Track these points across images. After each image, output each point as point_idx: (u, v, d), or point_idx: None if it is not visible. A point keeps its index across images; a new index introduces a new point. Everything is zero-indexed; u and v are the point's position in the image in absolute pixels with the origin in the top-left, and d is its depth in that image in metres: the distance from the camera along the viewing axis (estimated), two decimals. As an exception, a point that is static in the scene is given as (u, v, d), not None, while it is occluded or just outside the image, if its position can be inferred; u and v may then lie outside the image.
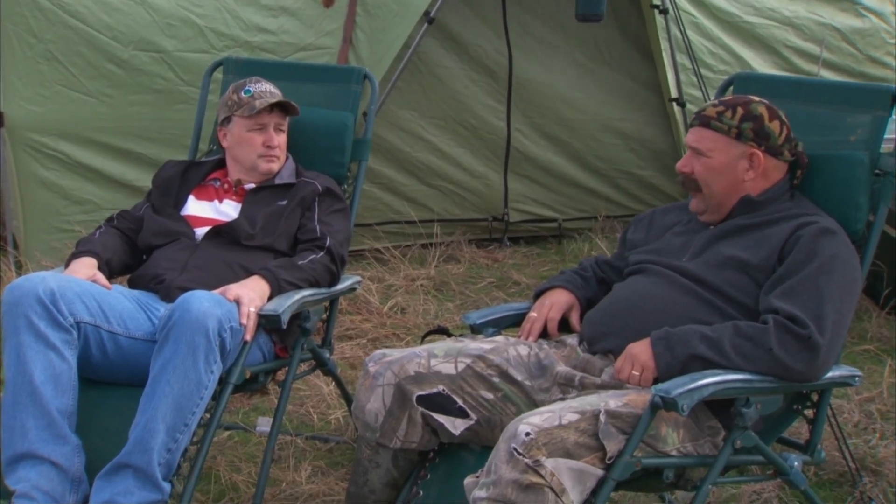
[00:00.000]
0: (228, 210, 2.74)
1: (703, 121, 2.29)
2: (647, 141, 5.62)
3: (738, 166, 2.26)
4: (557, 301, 2.44)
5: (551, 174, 5.51)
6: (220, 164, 2.87)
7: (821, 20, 5.74)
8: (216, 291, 2.37)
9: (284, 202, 2.72)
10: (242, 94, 2.76)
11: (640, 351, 2.11)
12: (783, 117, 2.29)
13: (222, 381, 2.33)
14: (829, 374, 2.12)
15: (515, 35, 5.26)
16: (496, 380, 2.22)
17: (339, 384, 2.95)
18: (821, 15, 5.74)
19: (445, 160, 5.24)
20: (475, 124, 5.27)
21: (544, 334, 2.41)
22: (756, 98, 2.31)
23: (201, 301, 2.24)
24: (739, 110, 2.26)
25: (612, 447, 1.94)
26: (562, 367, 2.25)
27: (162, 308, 2.45)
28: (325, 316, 2.80)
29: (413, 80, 4.99)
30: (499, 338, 2.37)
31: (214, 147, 3.04)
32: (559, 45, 5.37)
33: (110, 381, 2.40)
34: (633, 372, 2.10)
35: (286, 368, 2.61)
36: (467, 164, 5.31)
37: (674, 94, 5.31)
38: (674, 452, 2.06)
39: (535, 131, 5.43)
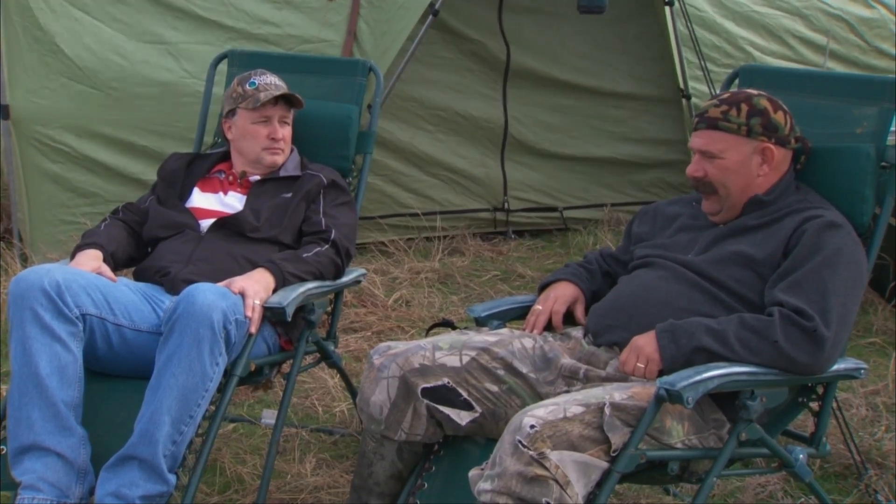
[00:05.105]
0: (233, 202, 2.74)
1: (709, 123, 2.26)
2: (650, 131, 5.62)
3: (752, 163, 2.25)
4: (562, 294, 2.44)
5: (548, 162, 5.52)
6: (225, 157, 2.87)
7: (829, 10, 5.72)
8: (221, 284, 2.37)
9: (289, 195, 2.72)
10: (247, 87, 2.76)
11: (645, 343, 2.11)
12: (784, 106, 2.28)
13: (227, 374, 2.34)
14: (835, 367, 2.12)
15: (512, 23, 5.25)
16: (501, 372, 2.23)
17: (344, 377, 2.95)
18: (829, 4, 5.72)
19: (445, 150, 5.24)
20: (474, 114, 5.28)
21: (549, 327, 2.41)
22: (754, 91, 2.30)
23: (206, 293, 2.24)
24: (744, 107, 2.24)
25: (616, 440, 1.94)
26: (567, 360, 2.25)
27: (167, 300, 2.45)
28: (329, 308, 2.80)
29: (413, 69, 4.98)
30: (503, 330, 2.37)
31: (219, 140, 3.04)
32: (559, 31, 5.37)
33: (116, 373, 2.41)
34: (638, 364, 2.10)
35: (291, 361, 2.61)
36: (467, 153, 5.32)
37: (680, 86, 5.31)
38: (678, 445, 2.06)
39: (531, 119, 5.44)
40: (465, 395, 2.20)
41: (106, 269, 2.49)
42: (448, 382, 2.19)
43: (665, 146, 5.65)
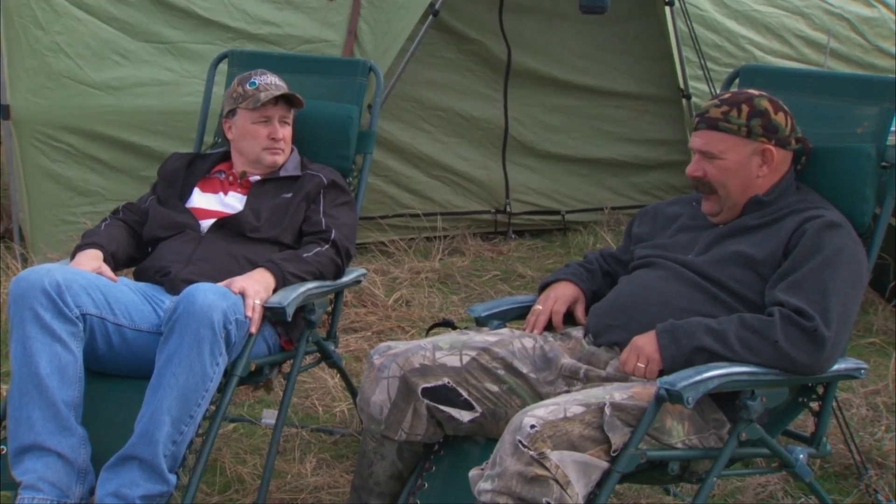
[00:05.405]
0: (233, 202, 2.74)
1: (709, 123, 2.26)
2: (650, 131, 5.62)
3: (752, 163, 2.25)
4: (563, 294, 2.44)
5: (550, 164, 5.53)
6: (226, 157, 2.87)
7: (830, 9, 5.72)
8: (221, 284, 2.37)
9: (290, 195, 2.72)
10: (247, 87, 2.76)
11: (646, 343, 2.11)
12: (785, 107, 2.28)
13: (227, 374, 2.34)
14: (835, 367, 2.12)
15: (513, 23, 5.25)
16: (501, 372, 2.23)
17: (344, 377, 2.95)
18: (830, 3, 5.73)
19: (445, 151, 5.24)
20: (474, 115, 5.28)
21: (549, 327, 2.41)
22: (755, 91, 2.29)
23: (206, 293, 2.24)
24: (745, 108, 2.24)
25: (617, 440, 1.94)
26: (567, 360, 2.25)
27: (167, 300, 2.45)
28: (329, 308, 2.80)
29: (413, 69, 4.98)
30: (504, 330, 2.37)
31: (219, 139, 3.04)
32: (559, 31, 5.37)
33: (116, 373, 2.41)
34: (639, 364, 2.10)
35: (291, 361, 2.61)
36: (467, 154, 5.32)
37: (680, 85, 5.32)
38: (679, 445, 2.06)
39: (532, 120, 5.44)
40: (465, 395, 2.20)
41: (106, 269, 2.49)
42: (448, 382, 2.19)
43: (666, 146, 5.65)
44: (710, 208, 2.31)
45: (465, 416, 2.19)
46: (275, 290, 2.45)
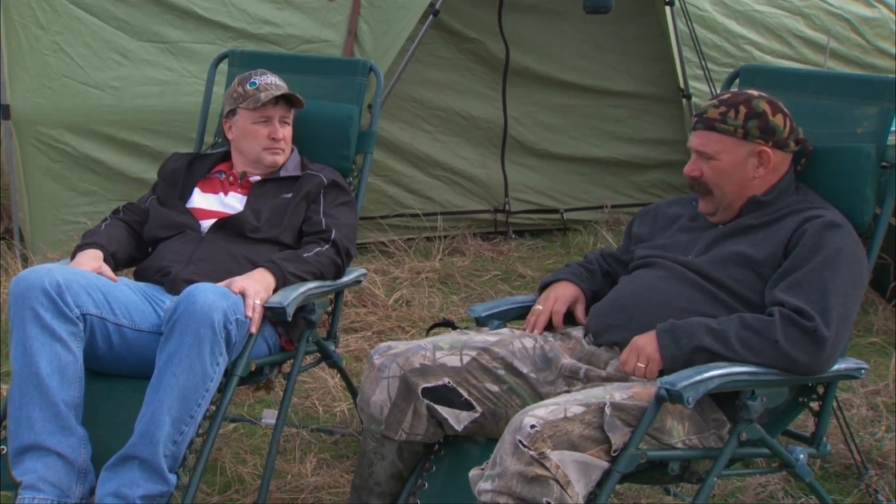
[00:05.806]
0: (234, 203, 2.74)
1: (707, 124, 2.26)
2: (650, 131, 5.63)
3: (748, 165, 2.25)
4: (563, 294, 2.44)
5: (549, 163, 5.53)
6: (226, 157, 2.87)
7: (830, 9, 5.73)
8: (221, 284, 2.37)
9: (290, 195, 2.72)
10: (248, 87, 2.76)
11: (646, 343, 2.11)
12: (784, 109, 2.28)
13: (228, 374, 2.34)
14: (835, 367, 2.12)
15: (512, 23, 5.25)
16: (501, 372, 2.23)
17: (345, 376, 2.95)
18: (830, 3, 5.73)
19: (445, 151, 5.25)
20: (473, 114, 5.28)
21: (549, 327, 2.41)
22: (754, 92, 2.29)
23: (206, 293, 2.24)
24: (742, 109, 2.24)
25: (617, 440, 1.94)
26: (567, 360, 2.25)
27: (168, 300, 2.45)
28: (330, 308, 2.80)
29: (413, 69, 4.98)
30: (504, 330, 2.37)
31: (220, 139, 3.04)
32: (558, 31, 5.37)
33: (116, 373, 2.41)
34: (639, 364, 2.10)
35: (291, 361, 2.61)
36: (467, 154, 5.32)
37: (680, 85, 5.31)
38: (679, 445, 2.06)
39: (531, 119, 5.44)
40: (465, 395, 2.20)
41: (106, 269, 2.49)
42: (448, 382, 2.20)
43: (665, 146, 5.65)
44: (706, 208, 2.32)
45: (464, 416, 2.19)
46: (275, 290, 2.45)
